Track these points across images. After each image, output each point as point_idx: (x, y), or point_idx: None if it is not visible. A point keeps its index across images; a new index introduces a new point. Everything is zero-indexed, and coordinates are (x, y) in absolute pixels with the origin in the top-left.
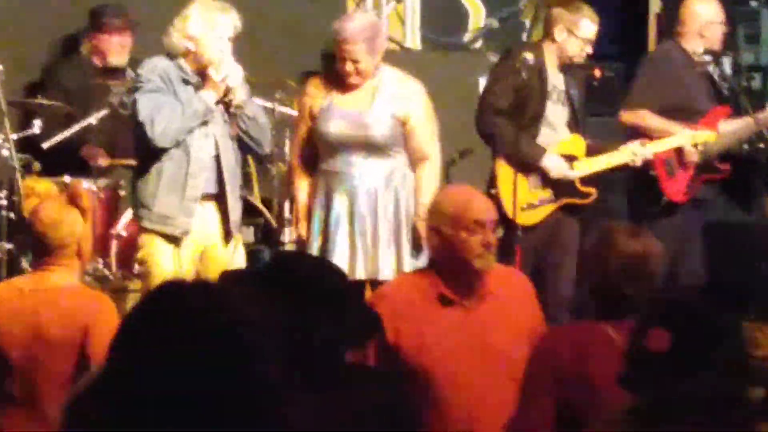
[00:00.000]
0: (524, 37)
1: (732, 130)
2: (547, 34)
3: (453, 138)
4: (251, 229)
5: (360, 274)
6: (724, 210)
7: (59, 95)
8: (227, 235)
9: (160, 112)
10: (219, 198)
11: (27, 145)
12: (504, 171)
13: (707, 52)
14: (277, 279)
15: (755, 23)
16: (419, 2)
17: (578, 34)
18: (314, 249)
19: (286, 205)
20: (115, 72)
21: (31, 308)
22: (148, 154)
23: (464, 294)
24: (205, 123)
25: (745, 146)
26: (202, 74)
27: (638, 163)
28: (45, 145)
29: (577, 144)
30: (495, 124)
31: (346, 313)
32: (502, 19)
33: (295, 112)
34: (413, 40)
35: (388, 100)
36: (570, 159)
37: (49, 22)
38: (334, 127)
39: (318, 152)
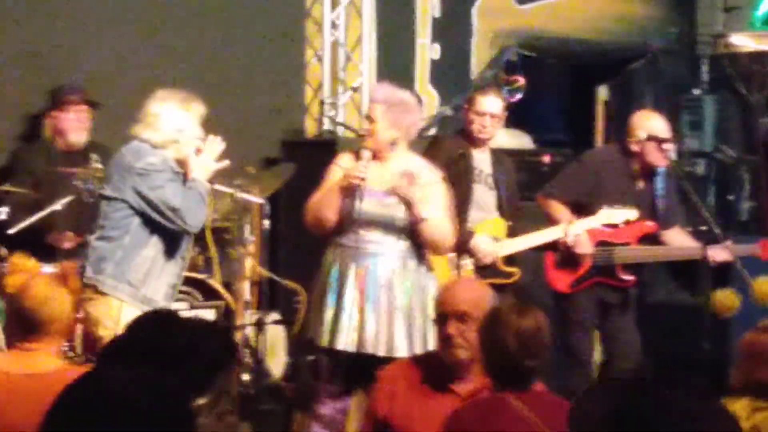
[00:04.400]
0: None
1: (660, 252)
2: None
3: None
4: (212, 311)
5: (371, 349)
6: (669, 291)
7: (27, 181)
8: None
9: (191, 201)
10: None
11: None
12: None
13: (650, 138)
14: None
15: (698, 110)
16: None
17: (474, 108)
18: (327, 318)
19: (246, 288)
20: (79, 157)
21: (27, 395)
22: (143, 240)
23: (457, 382)
24: None
25: (689, 229)
26: (180, 163)
27: (569, 239)
28: (11, 231)
29: (499, 225)
30: None
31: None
32: (455, 106)
33: (254, 198)
34: None
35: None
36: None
37: (11, 105)
38: (362, 206)
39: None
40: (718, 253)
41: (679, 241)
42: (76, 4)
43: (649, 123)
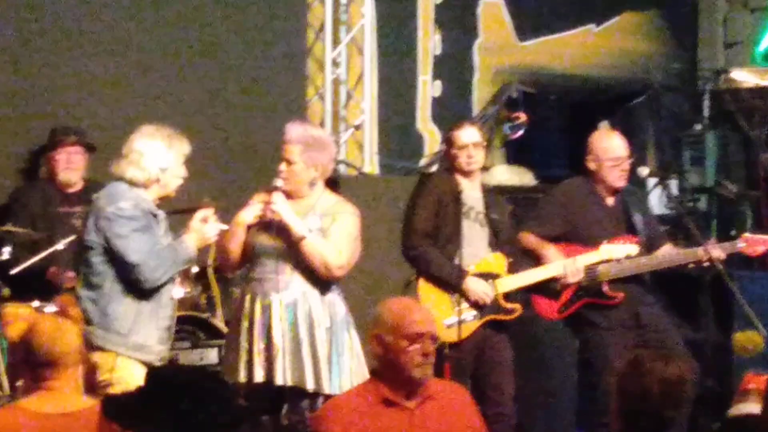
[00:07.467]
0: None
1: (642, 262)
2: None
3: None
4: (215, 350)
5: (259, 378)
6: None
7: (27, 221)
8: None
9: (157, 258)
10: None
11: None
12: (425, 289)
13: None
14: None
15: (700, 146)
16: (376, 128)
17: (456, 144)
18: (242, 353)
19: None
20: (78, 196)
21: None
22: (122, 287)
23: (407, 396)
24: None
25: (691, 265)
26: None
27: (570, 279)
28: (13, 272)
29: (499, 262)
30: (418, 248)
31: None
32: None
33: None
34: (371, 165)
35: (319, 216)
36: (492, 277)
37: (10, 144)
38: (264, 238)
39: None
40: (713, 251)
41: (671, 254)
42: (75, 43)
43: (605, 142)
